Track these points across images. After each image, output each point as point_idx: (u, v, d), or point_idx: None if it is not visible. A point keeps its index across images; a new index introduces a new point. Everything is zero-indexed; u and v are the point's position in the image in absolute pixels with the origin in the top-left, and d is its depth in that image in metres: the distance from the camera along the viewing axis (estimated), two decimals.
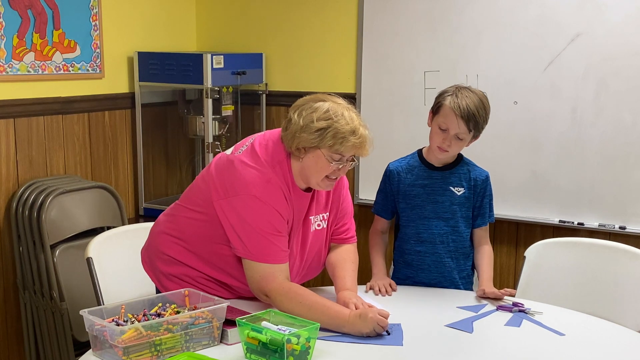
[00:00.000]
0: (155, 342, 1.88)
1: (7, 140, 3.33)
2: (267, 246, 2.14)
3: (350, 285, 2.28)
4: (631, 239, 3.27)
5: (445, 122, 2.46)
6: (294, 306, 2.10)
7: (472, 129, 2.45)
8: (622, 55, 3.26)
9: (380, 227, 2.70)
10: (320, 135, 2.12)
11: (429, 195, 2.58)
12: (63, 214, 3.33)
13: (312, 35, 3.97)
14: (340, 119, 2.12)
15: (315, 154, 2.15)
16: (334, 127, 2.12)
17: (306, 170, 2.18)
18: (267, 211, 2.13)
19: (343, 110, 2.15)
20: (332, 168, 2.16)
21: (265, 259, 2.14)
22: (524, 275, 2.71)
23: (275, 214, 2.14)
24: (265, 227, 2.13)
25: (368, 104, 3.81)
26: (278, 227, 2.15)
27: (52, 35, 3.48)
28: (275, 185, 2.15)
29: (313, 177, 2.18)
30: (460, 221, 2.58)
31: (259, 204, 2.12)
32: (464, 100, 2.42)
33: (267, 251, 2.14)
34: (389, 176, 2.66)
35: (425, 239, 2.60)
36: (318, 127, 2.12)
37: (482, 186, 2.59)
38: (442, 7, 3.58)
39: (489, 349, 2.09)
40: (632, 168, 3.30)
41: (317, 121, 2.12)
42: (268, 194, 2.13)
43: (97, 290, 2.49)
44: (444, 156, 2.55)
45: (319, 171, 2.17)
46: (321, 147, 2.13)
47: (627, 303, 2.56)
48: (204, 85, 3.74)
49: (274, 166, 2.18)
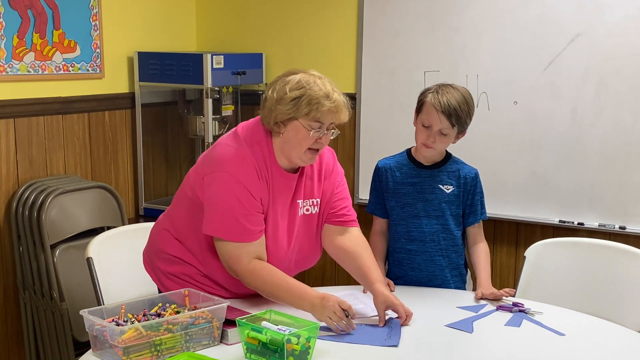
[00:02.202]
0: (155, 342, 1.89)
1: (7, 140, 3.33)
2: (235, 225, 2.16)
3: (379, 277, 2.29)
4: (631, 239, 3.27)
5: (427, 119, 2.48)
6: (260, 285, 2.16)
7: (454, 123, 2.46)
8: (622, 55, 3.26)
9: (379, 227, 2.70)
10: (295, 104, 2.16)
11: (418, 194, 2.59)
12: (63, 214, 3.33)
13: (312, 35, 3.97)
14: (313, 86, 2.17)
15: (294, 126, 2.17)
16: (307, 95, 2.15)
17: (287, 144, 2.20)
18: (238, 189, 2.15)
19: (315, 79, 2.20)
20: (312, 138, 2.18)
21: (233, 237, 2.16)
22: (524, 275, 2.71)
23: (245, 192, 2.15)
24: (234, 205, 2.15)
25: (368, 104, 3.81)
26: (247, 206, 2.16)
27: (52, 35, 3.48)
28: (250, 164, 2.17)
29: (295, 151, 2.20)
30: (450, 219, 2.58)
31: (230, 181, 2.15)
32: (445, 96, 2.46)
33: (234, 230, 2.16)
34: (378, 174, 2.67)
35: (415, 238, 2.60)
36: (292, 97, 2.16)
37: (472, 184, 2.60)
38: (442, 7, 3.58)
39: (489, 349, 2.09)
40: (632, 168, 3.30)
41: (290, 91, 2.16)
42: (241, 172, 2.16)
43: (97, 290, 2.49)
44: (429, 153, 2.55)
45: (300, 143, 2.18)
46: (298, 117, 2.16)
47: (627, 303, 2.56)
48: (204, 85, 3.74)
49: (253, 145, 2.21)
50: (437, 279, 2.60)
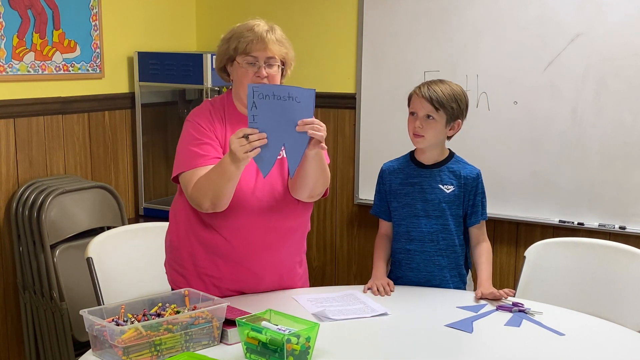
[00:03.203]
0: (155, 342, 1.89)
1: (7, 140, 3.33)
2: (188, 154, 2.28)
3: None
4: (631, 239, 3.27)
5: (413, 107, 2.57)
6: (199, 187, 2.21)
7: (437, 107, 2.50)
8: (622, 55, 3.26)
9: (385, 230, 2.71)
10: (226, 44, 2.32)
11: (418, 194, 2.59)
12: (63, 214, 3.33)
13: (312, 35, 3.97)
14: (241, 25, 2.33)
15: (234, 67, 2.32)
16: (234, 33, 2.32)
17: (236, 87, 2.34)
18: (190, 126, 2.32)
19: (248, 21, 2.33)
20: (250, 73, 2.28)
21: (186, 166, 2.26)
22: (524, 275, 2.71)
23: (195, 125, 2.31)
24: (186, 138, 2.31)
25: (368, 104, 3.81)
26: (197, 135, 2.29)
27: (52, 35, 3.48)
28: (203, 108, 2.36)
29: (241, 91, 2.30)
30: (450, 219, 2.58)
31: (187, 124, 2.33)
32: (427, 86, 2.56)
33: (187, 158, 2.27)
34: (381, 176, 2.69)
35: (414, 237, 2.60)
36: (224, 38, 2.34)
37: (473, 184, 2.60)
38: (442, 7, 3.58)
39: (489, 349, 2.09)
40: (632, 168, 3.30)
41: (225, 35, 2.35)
42: (195, 114, 2.35)
43: (97, 290, 2.50)
44: (422, 144, 2.57)
45: (241, 81, 2.30)
46: (234, 56, 2.30)
47: (627, 303, 2.56)
48: (204, 85, 3.74)
49: (215, 99, 2.41)
50: (435, 279, 2.60)
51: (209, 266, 2.32)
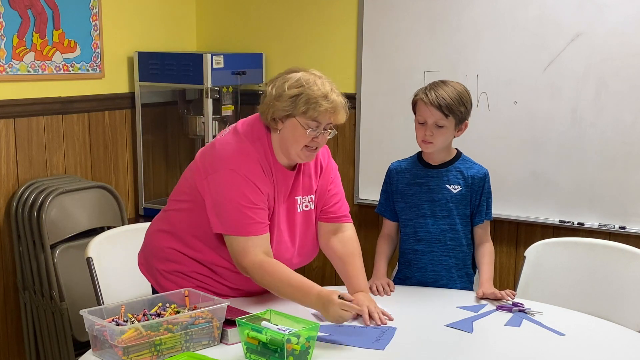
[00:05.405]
0: (155, 342, 1.89)
1: (7, 140, 3.33)
2: (242, 219, 2.17)
3: (363, 286, 2.34)
4: (631, 239, 3.27)
5: (421, 116, 2.52)
6: (267, 280, 2.17)
7: (447, 113, 2.48)
8: (622, 55, 3.26)
9: (388, 230, 2.71)
10: (293, 102, 2.17)
11: (425, 194, 2.59)
12: (63, 214, 3.33)
13: (312, 35, 3.96)
14: (312, 85, 2.18)
15: (292, 123, 2.19)
16: (305, 93, 2.17)
17: (285, 141, 2.22)
18: (243, 183, 2.16)
19: (315, 78, 2.20)
20: (309, 136, 2.19)
21: (240, 232, 2.17)
22: (524, 275, 2.71)
23: (251, 186, 2.17)
24: (241, 199, 2.16)
25: (368, 104, 3.81)
26: (254, 200, 2.17)
27: (52, 35, 3.48)
28: (252, 159, 2.19)
29: (292, 148, 2.21)
30: (457, 219, 2.58)
31: (235, 177, 2.16)
32: (433, 91, 2.50)
33: (241, 223, 2.17)
34: (389, 175, 2.69)
35: (422, 238, 2.60)
36: (290, 95, 2.17)
37: (480, 184, 2.59)
38: (442, 7, 3.58)
39: (489, 349, 2.09)
40: (632, 168, 3.30)
41: (289, 89, 2.18)
42: (245, 166, 2.18)
43: (97, 290, 2.50)
44: (431, 149, 2.56)
45: (297, 140, 2.20)
46: (295, 114, 2.18)
47: (627, 303, 2.56)
48: (204, 85, 3.74)
49: (254, 141, 2.23)
50: (443, 279, 2.61)
51: (211, 283, 2.32)
